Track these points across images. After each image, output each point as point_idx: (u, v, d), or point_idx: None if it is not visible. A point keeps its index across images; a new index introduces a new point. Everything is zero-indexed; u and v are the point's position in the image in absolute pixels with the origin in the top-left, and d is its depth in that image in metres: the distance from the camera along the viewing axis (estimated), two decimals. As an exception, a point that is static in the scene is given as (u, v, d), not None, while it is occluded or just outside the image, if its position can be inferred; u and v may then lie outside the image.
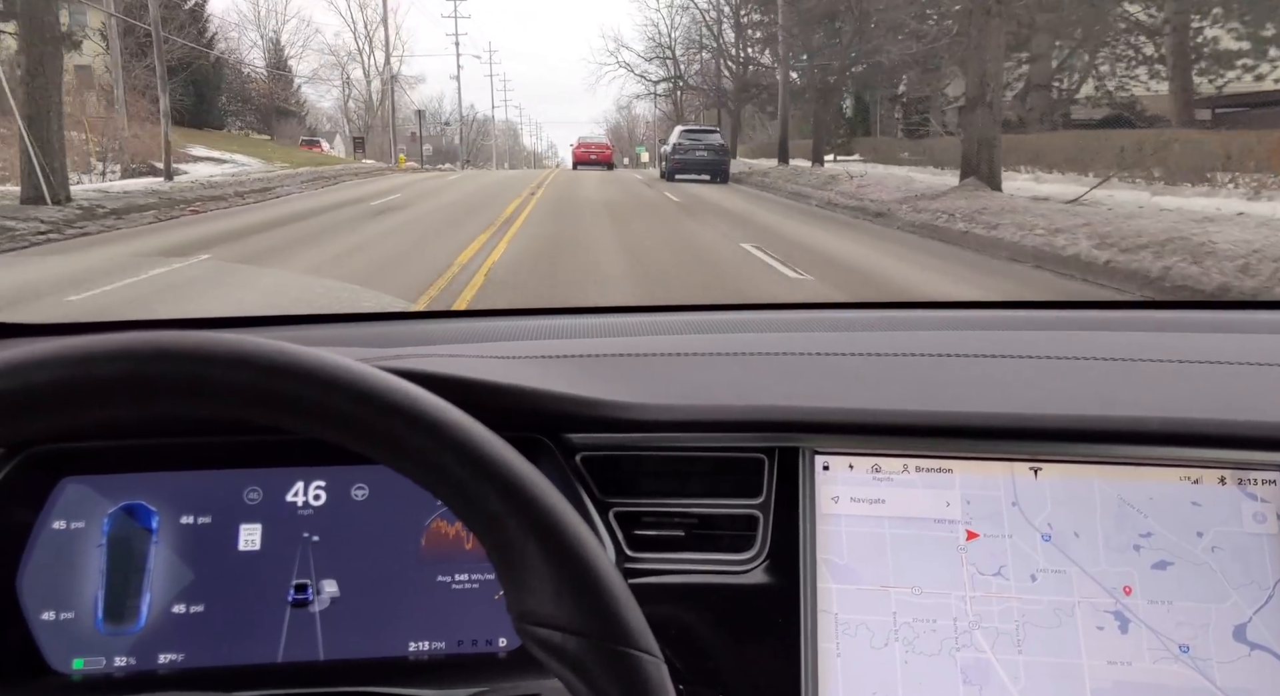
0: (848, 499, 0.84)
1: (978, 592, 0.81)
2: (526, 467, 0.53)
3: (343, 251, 8.31)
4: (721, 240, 9.73)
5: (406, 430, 0.51)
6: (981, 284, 7.06)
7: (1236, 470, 0.81)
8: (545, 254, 8.46)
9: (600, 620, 0.51)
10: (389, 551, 0.86)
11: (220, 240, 9.13)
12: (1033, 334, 1.13)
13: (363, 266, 7.45)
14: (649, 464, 0.89)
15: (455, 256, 7.89)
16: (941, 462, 0.84)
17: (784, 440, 0.87)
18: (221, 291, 6.13)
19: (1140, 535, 0.81)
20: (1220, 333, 1.13)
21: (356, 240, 9.20)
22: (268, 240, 9.15)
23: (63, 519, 0.85)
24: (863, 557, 0.83)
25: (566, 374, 0.94)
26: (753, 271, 7.55)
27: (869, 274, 7.59)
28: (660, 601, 0.83)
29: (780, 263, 7.88)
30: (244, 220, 11.07)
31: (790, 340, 1.11)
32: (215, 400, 0.50)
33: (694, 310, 1.37)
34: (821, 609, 0.82)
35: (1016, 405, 0.86)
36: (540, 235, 9.87)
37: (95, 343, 0.49)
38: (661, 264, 8.09)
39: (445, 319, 1.36)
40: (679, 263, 8.19)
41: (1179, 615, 0.79)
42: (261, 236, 9.43)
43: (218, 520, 0.86)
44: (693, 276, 7.35)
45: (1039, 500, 0.82)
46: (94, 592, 0.83)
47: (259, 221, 10.86)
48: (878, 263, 8.24)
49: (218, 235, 9.54)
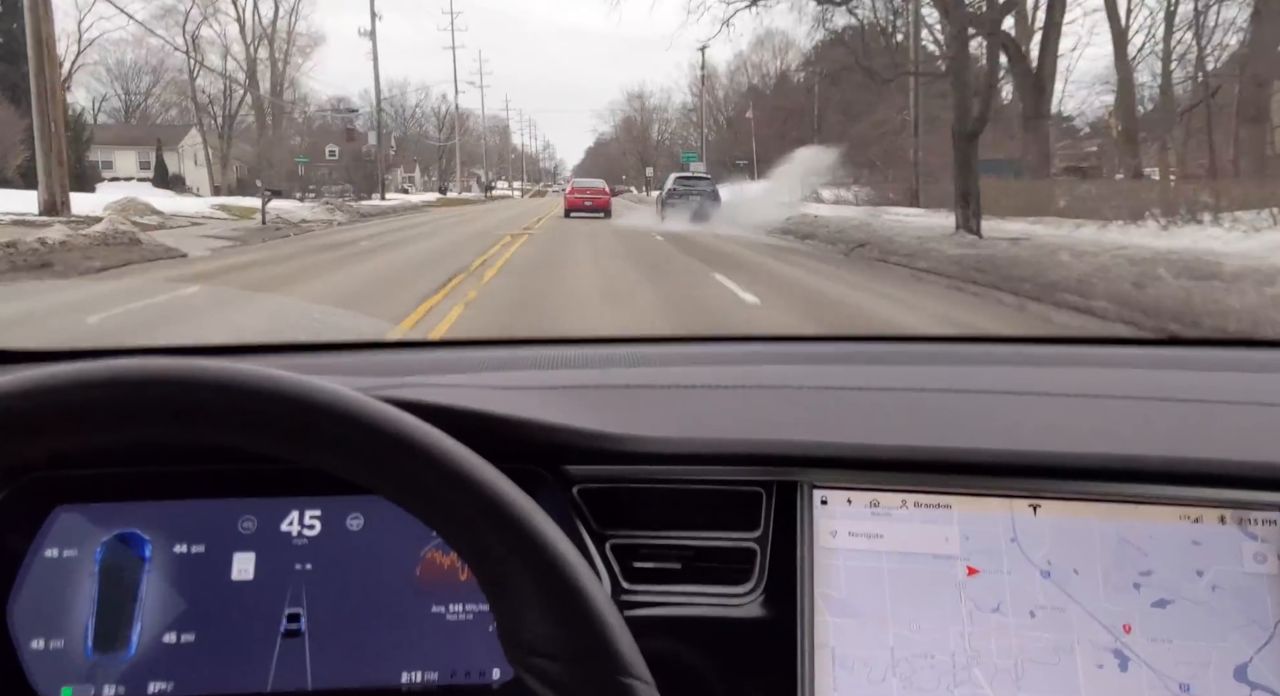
0: (846, 533, 0.84)
1: (976, 628, 0.80)
2: (520, 497, 0.53)
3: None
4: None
5: (400, 459, 0.51)
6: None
7: (1236, 510, 0.81)
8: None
9: (594, 648, 0.50)
10: (383, 581, 0.86)
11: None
12: (1033, 370, 1.13)
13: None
14: (646, 496, 0.89)
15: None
16: (940, 498, 0.84)
17: (782, 474, 0.86)
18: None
19: (1140, 573, 0.80)
20: (1220, 371, 1.13)
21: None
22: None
23: (56, 547, 0.84)
24: (861, 592, 0.82)
25: (564, 405, 0.94)
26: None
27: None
28: (657, 634, 0.82)
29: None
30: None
31: (787, 373, 1.11)
32: (206, 427, 0.50)
33: (690, 342, 1.38)
34: (819, 643, 0.81)
35: (1016, 441, 0.86)
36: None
37: (86, 370, 0.49)
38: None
39: (442, 348, 1.37)
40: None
41: (1179, 654, 0.78)
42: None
43: (211, 549, 0.86)
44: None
45: (1038, 537, 0.82)
46: (85, 621, 0.83)
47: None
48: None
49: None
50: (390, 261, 12.66)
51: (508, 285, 9.79)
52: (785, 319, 7.87)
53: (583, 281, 10.57)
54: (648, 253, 14.49)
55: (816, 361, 1.23)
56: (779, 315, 8.02)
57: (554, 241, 17.03)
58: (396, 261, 12.64)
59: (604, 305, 8.52)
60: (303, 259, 12.53)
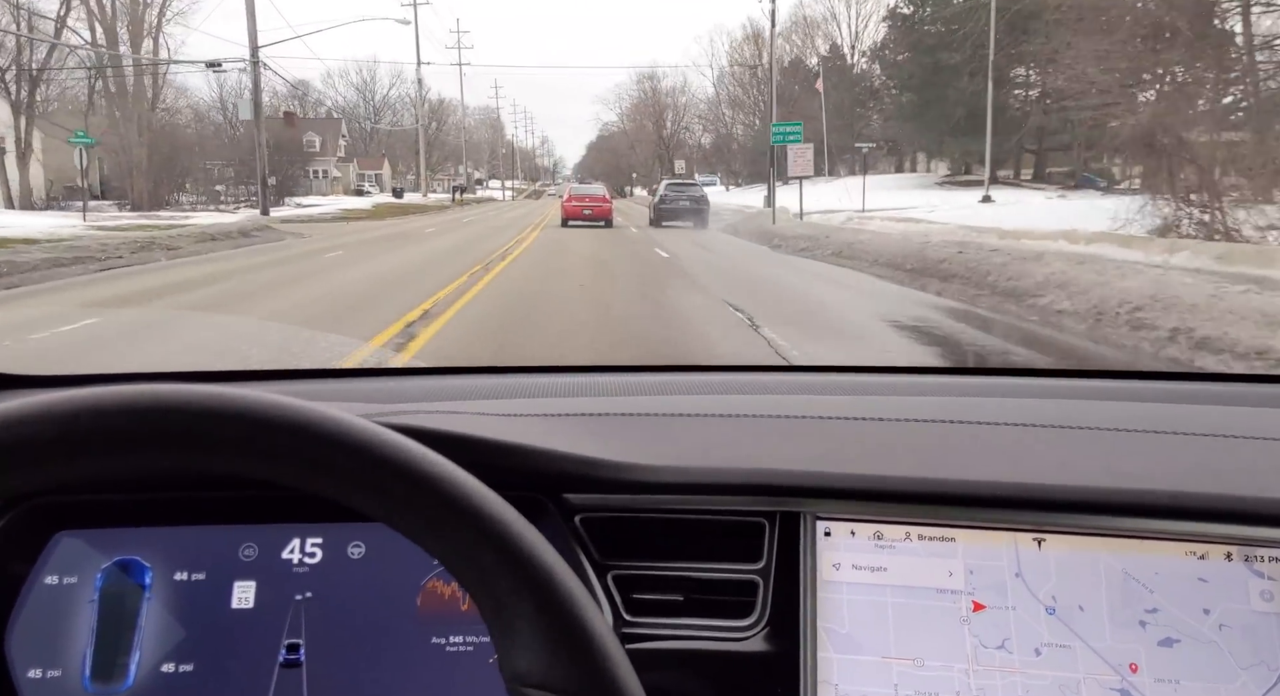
0: (849, 566, 0.83)
1: (980, 666, 0.79)
2: (521, 524, 0.53)
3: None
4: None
5: (400, 484, 0.51)
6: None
7: (1243, 546, 0.80)
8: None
9: (594, 680, 0.50)
10: (384, 611, 0.85)
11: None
12: (1037, 402, 1.12)
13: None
14: (649, 526, 0.88)
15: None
16: (944, 531, 0.83)
17: (785, 505, 0.86)
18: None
19: (1146, 610, 0.79)
20: (1226, 405, 1.13)
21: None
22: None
23: (56, 573, 0.84)
24: (864, 627, 0.81)
25: (566, 433, 0.93)
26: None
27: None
28: (658, 668, 0.82)
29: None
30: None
31: (790, 403, 1.11)
32: (207, 454, 0.50)
33: (692, 371, 1.37)
34: (822, 679, 0.80)
35: (1021, 474, 0.86)
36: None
37: (98, 395, 0.49)
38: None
39: (443, 375, 1.36)
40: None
41: (1186, 694, 0.77)
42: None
43: (212, 577, 0.85)
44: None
45: (1043, 572, 0.81)
46: (83, 650, 0.82)
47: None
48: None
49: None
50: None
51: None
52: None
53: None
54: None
55: (821, 391, 1.23)
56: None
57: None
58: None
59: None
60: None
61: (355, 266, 13.52)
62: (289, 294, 10.18)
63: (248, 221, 22.19)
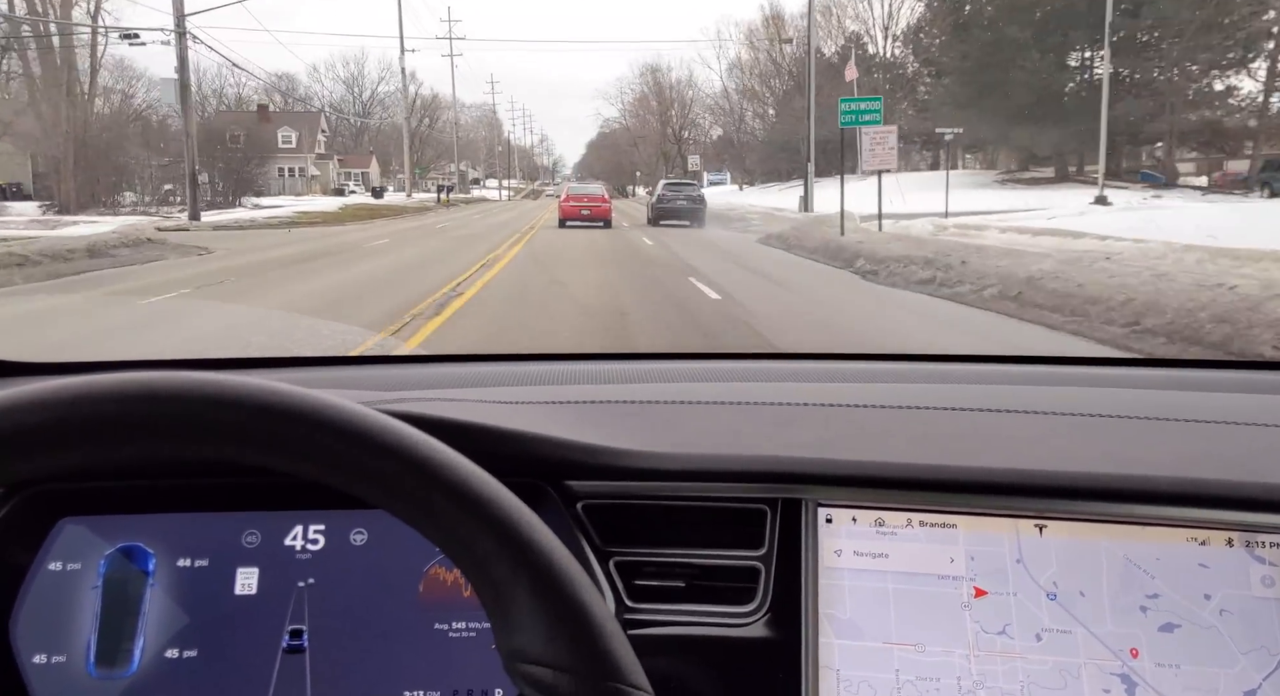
0: (851, 552, 0.84)
1: (981, 651, 0.80)
2: (517, 505, 0.53)
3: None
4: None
5: (398, 469, 0.51)
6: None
7: (1244, 532, 0.80)
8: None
9: (592, 657, 0.50)
10: (386, 597, 0.86)
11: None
12: (1038, 389, 1.12)
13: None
14: (650, 513, 0.88)
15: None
16: (945, 517, 0.83)
17: (787, 491, 0.86)
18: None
19: (1147, 596, 0.80)
20: (1228, 392, 1.13)
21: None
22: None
23: (59, 560, 0.84)
24: (866, 613, 0.82)
25: (567, 420, 0.94)
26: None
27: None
28: (660, 653, 0.82)
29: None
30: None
31: (792, 390, 1.11)
32: (206, 441, 0.50)
33: (694, 358, 1.37)
34: (824, 664, 0.81)
35: (1022, 461, 0.86)
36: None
37: (91, 383, 0.49)
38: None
39: (444, 363, 1.36)
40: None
41: (1187, 679, 0.77)
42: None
43: (215, 563, 0.85)
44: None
45: (1044, 558, 0.81)
46: (87, 636, 0.82)
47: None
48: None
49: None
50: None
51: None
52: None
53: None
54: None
55: (822, 379, 1.23)
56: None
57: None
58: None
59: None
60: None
61: (161, 328, 7.45)
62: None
63: (128, 232, 16.60)
